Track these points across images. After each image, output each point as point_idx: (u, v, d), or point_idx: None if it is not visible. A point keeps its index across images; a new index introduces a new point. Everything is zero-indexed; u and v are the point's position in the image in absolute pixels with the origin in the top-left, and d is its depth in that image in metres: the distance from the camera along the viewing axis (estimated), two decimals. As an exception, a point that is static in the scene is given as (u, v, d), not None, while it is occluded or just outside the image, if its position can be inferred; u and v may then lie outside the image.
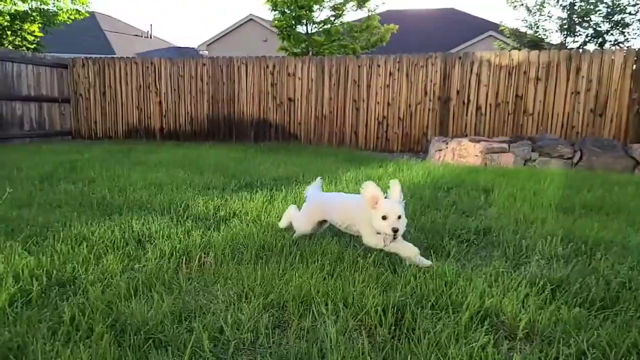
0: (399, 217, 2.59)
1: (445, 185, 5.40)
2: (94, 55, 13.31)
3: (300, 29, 13.38)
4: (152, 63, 12.07)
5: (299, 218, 3.21)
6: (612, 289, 2.29)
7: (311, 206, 3.18)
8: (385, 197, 2.66)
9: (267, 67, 11.31)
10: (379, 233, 2.68)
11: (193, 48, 28.33)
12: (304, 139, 11.24)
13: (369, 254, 2.82)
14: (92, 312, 2.03)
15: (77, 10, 14.14)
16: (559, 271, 2.57)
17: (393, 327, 1.97)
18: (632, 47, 10.94)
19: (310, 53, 13.17)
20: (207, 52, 24.82)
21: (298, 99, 11.21)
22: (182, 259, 2.79)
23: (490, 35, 20.15)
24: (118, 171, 6.02)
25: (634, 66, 9.20)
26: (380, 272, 2.57)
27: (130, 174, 5.82)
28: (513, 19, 27.91)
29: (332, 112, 11.04)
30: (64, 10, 13.90)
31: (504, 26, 14.89)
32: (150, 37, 33.17)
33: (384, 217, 2.56)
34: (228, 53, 13.70)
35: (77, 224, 3.45)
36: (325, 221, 3.19)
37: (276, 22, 12.91)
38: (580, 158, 7.76)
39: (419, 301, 2.23)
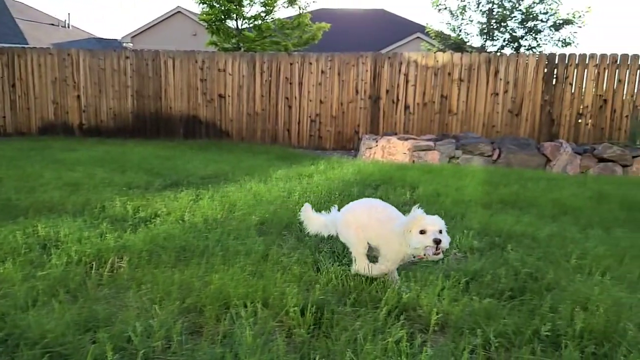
0: (440, 232, 2.28)
1: (374, 182, 5.50)
2: (2, 45, 12.18)
3: (231, 23, 13.08)
4: (69, 54, 11.26)
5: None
6: (520, 280, 2.42)
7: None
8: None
9: (196, 62, 10.95)
10: (414, 255, 2.35)
11: (116, 40, 26.82)
12: (236, 136, 11.02)
13: (293, 254, 2.79)
14: (-20, 328, 1.83)
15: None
16: (473, 264, 2.68)
17: (312, 327, 1.95)
18: (544, 52, 11.82)
19: (242, 49, 12.92)
20: (131, 44, 23.60)
21: (229, 96, 10.96)
22: (93, 264, 2.60)
23: (418, 37, 20.88)
24: (29, 170, 5.55)
25: (545, 70, 9.92)
26: (303, 271, 2.54)
27: (43, 173, 5.38)
28: (438, 22, 29.30)
29: (264, 109, 10.91)
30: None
31: (430, 28, 15.51)
32: (68, 27, 30.97)
33: (422, 232, 2.27)
34: (155, 46, 13.11)
35: (-28, 229, 3.12)
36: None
37: (204, 15, 12.52)
38: (499, 156, 8.23)
39: (340, 298, 2.23)
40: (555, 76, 9.88)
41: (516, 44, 14.11)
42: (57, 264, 2.54)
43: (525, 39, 14.07)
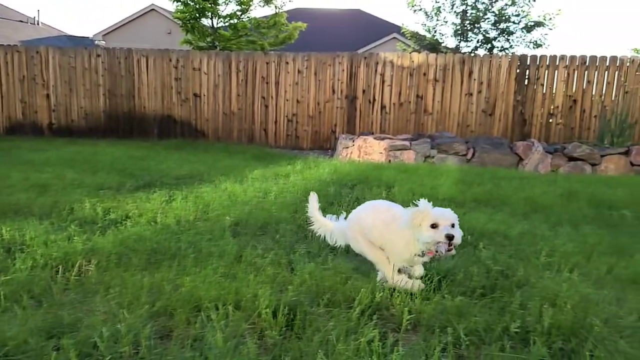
0: (453, 226, 2.16)
1: (350, 182, 5.51)
2: (-33, 41, 11.75)
3: (206, 22, 12.91)
4: (38, 52, 10.93)
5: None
6: (491, 277, 2.46)
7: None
8: None
9: (170, 60, 10.77)
10: (423, 253, 2.25)
11: (88, 37, 26.15)
12: (212, 136, 10.89)
13: (267, 254, 2.76)
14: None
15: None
16: (446, 262, 2.70)
17: (285, 328, 1.93)
18: (516, 53, 12.05)
19: (218, 48, 12.77)
20: (104, 42, 23.06)
21: (204, 95, 10.82)
22: (59, 268, 2.52)
23: (394, 38, 21.05)
24: (-7, 171, 5.36)
25: (518, 70, 10.12)
26: (277, 272, 2.52)
27: (10, 174, 5.20)
28: (414, 23, 29.58)
29: (240, 108, 10.81)
30: None
31: (405, 29, 15.65)
32: (38, 24, 30.08)
33: (433, 226, 2.14)
34: (128, 44, 12.84)
35: None
36: None
37: (179, 13, 12.33)
38: (473, 155, 8.35)
39: (314, 299, 2.21)
40: (527, 77, 10.10)
41: (489, 45, 14.37)
42: (21, 268, 2.45)
43: (498, 41, 14.34)
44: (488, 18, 14.05)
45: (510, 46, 14.43)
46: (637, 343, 1.79)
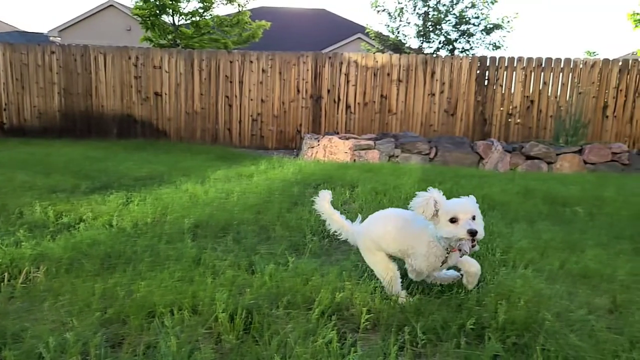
0: (474, 218, 1.98)
1: (314, 182, 5.49)
2: None
3: (167, 19, 12.63)
4: (-13, 48, 10.41)
5: None
6: (450, 274, 2.48)
7: None
8: None
9: (130, 58, 10.47)
10: (447, 251, 2.07)
11: (42, 34, 25.09)
12: (174, 136, 10.66)
13: (226, 257, 2.70)
14: None
15: None
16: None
17: (243, 332, 1.89)
18: (476, 54, 12.40)
19: (179, 46, 12.51)
20: (59, 39, 22.18)
21: (166, 94, 10.58)
22: (5, 275, 2.39)
23: (359, 38, 21.23)
24: (-64, 174, 5.05)
25: (478, 71, 10.39)
26: (237, 274, 2.47)
27: (-46, 177, 4.91)
28: (377, 23, 29.80)
29: (204, 108, 10.63)
30: None
31: (369, 29, 15.81)
32: (-11, 19, 28.68)
33: (452, 220, 1.95)
34: (85, 41, 12.40)
35: None
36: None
37: (138, 10, 12.00)
38: (436, 154, 8.51)
39: (274, 301, 2.18)
40: (487, 78, 10.39)
41: (451, 47, 14.71)
42: (-39, 277, 2.31)
43: (459, 42, 14.72)
44: (449, 20, 14.40)
45: (471, 47, 14.84)
46: (586, 336, 1.85)
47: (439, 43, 14.68)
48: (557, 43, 68.42)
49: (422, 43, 14.80)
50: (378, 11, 15.03)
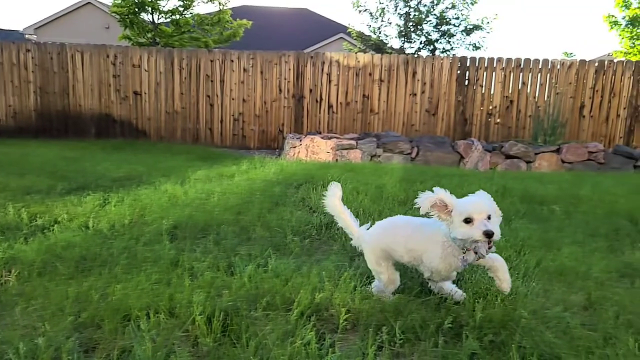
0: (489, 218, 1.88)
1: (296, 182, 5.47)
2: None
3: (146, 17, 12.44)
4: (-41, 45, 10.12)
5: None
6: (429, 273, 2.50)
7: None
8: None
9: (108, 56, 10.29)
10: (463, 250, 1.96)
11: (17, 31, 24.49)
12: (154, 136, 10.52)
13: (204, 258, 2.67)
14: None
15: None
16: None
17: (221, 335, 1.86)
18: (457, 55, 12.55)
19: (159, 44, 12.34)
20: (35, 36, 21.69)
21: (145, 93, 10.43)
22: (-26, 280, 2.32)
23: (341, 37, 21.26)
24: None
25: (458, 72, 10.50)
26: (216, 276, 2.44)
27: None
28: (359, 23, 29.87)
29: (184, 107, 10.51)
30: None
31: (352, 29, 15.86)
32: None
33: (467, 220, 1.85)
34: (63, 39, 12.14)
35: None
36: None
37: (116, 7, 11.80)
38: (418, 153, 8.57)
39: (253, 302, 2.16)
40: (467, 78, 10.51)
41: (432, 47, 14.84)
42: None
43: (440, 42, 14.86)
44: (430, 20, 14.52)
45: (451, 48, 15.00)
46: (562, 333, 1.87)
47: (420, 43, 14.80)
48: (535, 44, 69.70)
49: (403, 43, 14.90)
50: (360, 11, 15.09)
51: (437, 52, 14.76)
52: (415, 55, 10.73)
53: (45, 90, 10.31)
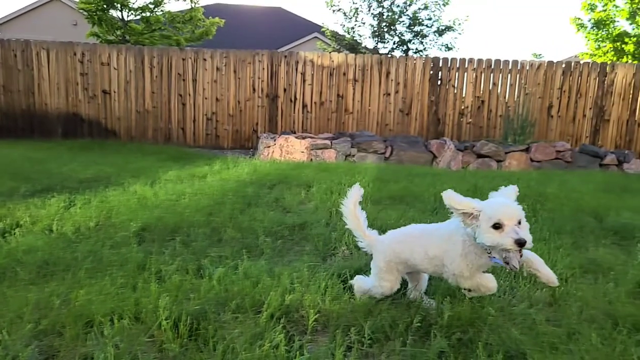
0: (519, 223, 1.76)
1: (269, 182, 5.43)
2: None
3: (115, 14, 12.15)
4: None
5: None
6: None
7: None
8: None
9: (75, 54, 10.00)
10: (489, 253, 1.84)
11: (-20, 27, 23.59)
12: (124, 136, 10.28)
13: (172, 261, 2.61)
14: None
15: None
16: (359, 260, 2.73)
17: (188, 339, 1.82)
18: (429, 55, 12.75)
19: (129, 42, 12.07)
20: (-1, 33, 20.94)
21: (115, 92, 10.18)
22: None
23: (315, 37, 21.26)
24: None
25: (431, 72, 10.63)
26: (184, 279, 2.39)
27: None
28: (333, 23, 30.03)
29: (155, 106, 10.31)
30: None
31: (325, 28, 15.88)
32: None
33: (496, 226, 1.73)
34: (28, 36, 11.74)
35: None
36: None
37: (83, 4, 11.47)
38: (391, 153, 8.63)
39: (222, 305, 2.12)
40: (440, 78, 10.64)
41: (405, 47, 14.99)
42: None
43: (413, 43, 15.02)
44: (403, 21, 14.66)
45: (424, 48, 15.18)
46: (527, 329, 1.91)
47: (394, 44, 14.94)
48: (505, 45, 71.27)
49: (377, 43, 15.01)
50: (333, 11, 15.12)
51: (410, 53, 14.93)
52: (389, 56, 10.81)
53: (9, 89, 9.94)
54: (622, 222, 3.69)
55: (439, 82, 10.62)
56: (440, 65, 10.60)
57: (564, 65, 10.65)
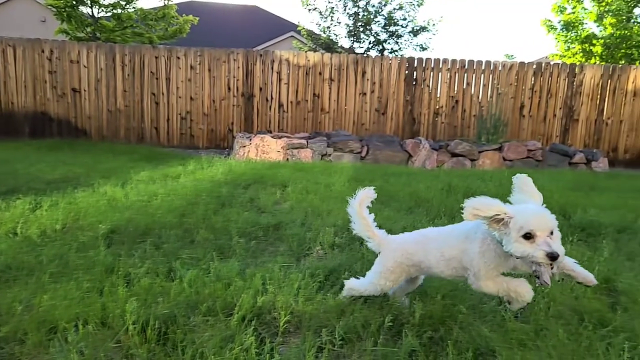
0: (552, 233, 1.65)
1: (244, 182, 5.38)
2: None
3: (85, 10, 11.85)
4: None
5: None
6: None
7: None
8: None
9: (43, 51, 9.71)
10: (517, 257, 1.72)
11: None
12: (95, 135, 10.04)
13: (142, 264, 2.55)
14: None
15: None
16: (333, 260, 2.72)
17: (156, 344, 1.78)
18: (404, 55, 12.88)
19: (100, 39, 11.79)
20: (-36, 29, 20.19)
21: (85, 90, 9.93)
22: None
23: (292, 36, 21.19)
24: None
25: (406, 72, 10.73)
26: (154, 282, 2.34)
27: None
28: (309, 22, 29.87)
29: (128, 105, 10.10)
30: None
31: (301, 27, 15.85)
32: None
33: (527, 236, 1.63)
34: (-7, 32, 11.36)
35: None
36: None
37: (52, 0, 11.17)
38: (367, 152, 8.67)
39: (193, 308, 2.08)
40: (415, 78, 10.75)
41: (380, 47, 15.08)
42: None
43: (388, 43, 15.13)
44: (378, 21, 14.75)
45: (400, 48, 15.30)
46: (497, 326, 1.93)
47: (369, 43, 15.01)
48: (479, 46, 72.61)
49: (353, 43, 15.06)
50: (309, 10, 15.10)
51: (385, 53, 15.03)
52: (365, 55, 10.87)
53: (-27, 87, 9.61)
54: (588, 219, 3.79)
55: (414, 82, 10.73)
56: (415, 65, 10.70)
57: (534, 66, 10.90)
